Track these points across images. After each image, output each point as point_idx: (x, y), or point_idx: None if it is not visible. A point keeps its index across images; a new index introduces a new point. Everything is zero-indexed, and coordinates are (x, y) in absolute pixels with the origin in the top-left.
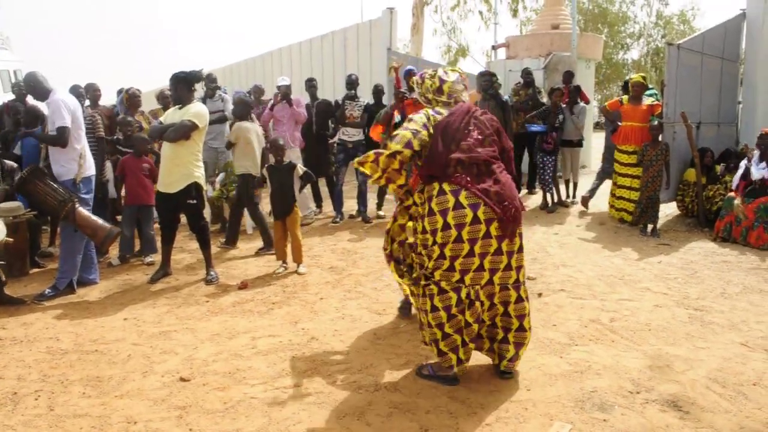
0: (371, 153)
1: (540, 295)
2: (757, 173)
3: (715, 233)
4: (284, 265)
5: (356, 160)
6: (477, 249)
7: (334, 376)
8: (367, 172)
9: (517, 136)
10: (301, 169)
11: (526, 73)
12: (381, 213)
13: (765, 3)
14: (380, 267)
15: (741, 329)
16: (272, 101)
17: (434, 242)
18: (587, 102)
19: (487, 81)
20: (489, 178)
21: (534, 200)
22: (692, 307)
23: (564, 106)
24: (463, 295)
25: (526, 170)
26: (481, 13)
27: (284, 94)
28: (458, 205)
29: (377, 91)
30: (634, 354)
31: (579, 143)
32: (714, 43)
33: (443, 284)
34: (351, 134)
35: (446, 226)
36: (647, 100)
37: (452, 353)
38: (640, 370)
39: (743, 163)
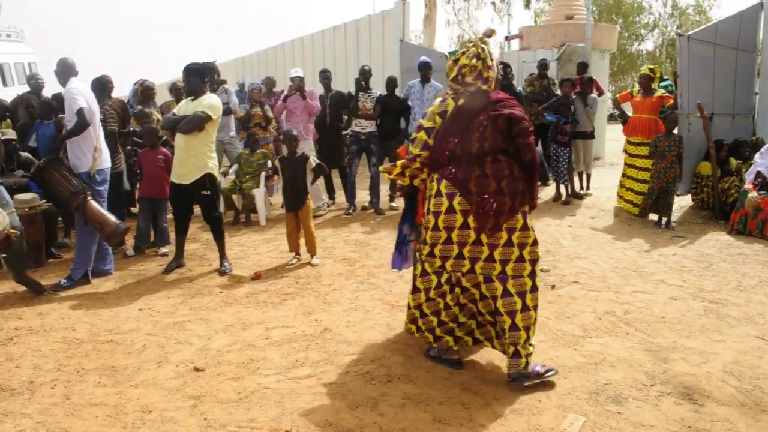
0: (398, 164)
1: (553, 287)
2: (757, 168)
3: (730, 225)
4: (297, 256)
5: (382, 168)
6: (454, 237)
7: (347, 367)
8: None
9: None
10: (314, 161)
11: (542, 65)
12: (394, 204)
13: None
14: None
15: (757, 322)
16: (285, 93)
17: (425, 227)
18: (601, 93)
19: (501, 72)
20: (478, 170)
21: (547, 192)
22: (708, 299)
23: (575, 97)
24: (443, 279)
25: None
26: (494, 3)
27: (298, 86)
28: (438, 194)
29: (391, 83)
30: (648, 346)
31: (592, 135)
32: (728, 33)
33: (427, 267)
34: (364, 126)
35: (428, 213)
36: (658, 92)
37: (429, 333)
38: (655, 363)
39: (757, 156)
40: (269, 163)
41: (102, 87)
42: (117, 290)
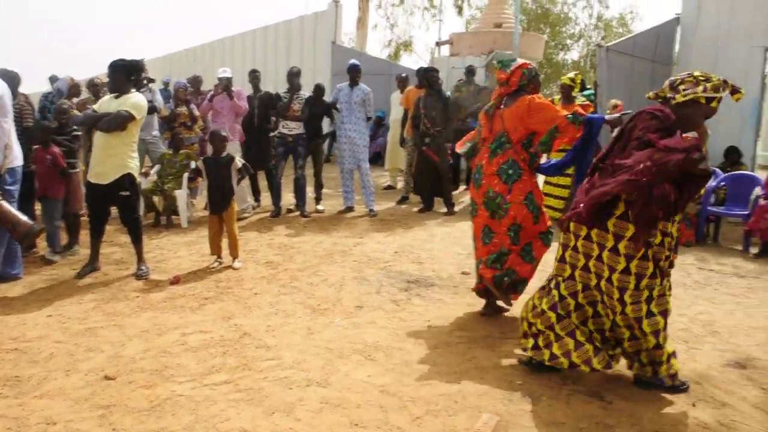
0: None
1: (473, 290)
2: None
3: None
4: (219, 260)
5: None
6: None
7: (265, 372)
8: None
9: (457, 132)
10: (239, 162)
11: (469, 71)
12: (320, 207)
13: (698, 9)
14: (317, 262)
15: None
16: (212, 92)
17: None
18: None
19: (433, 77)
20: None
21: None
22: None
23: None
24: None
25: (464, 166)
26: (425, 9)
27: (225, 86)
28: None
29: (318, 90)
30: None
31: None
32: (646, 46)
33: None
34: (291, 128)
35: None
36: (578, 100)
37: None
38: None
39: None
40: (192, 164)
41: (11, 81)
42: (25, 296)
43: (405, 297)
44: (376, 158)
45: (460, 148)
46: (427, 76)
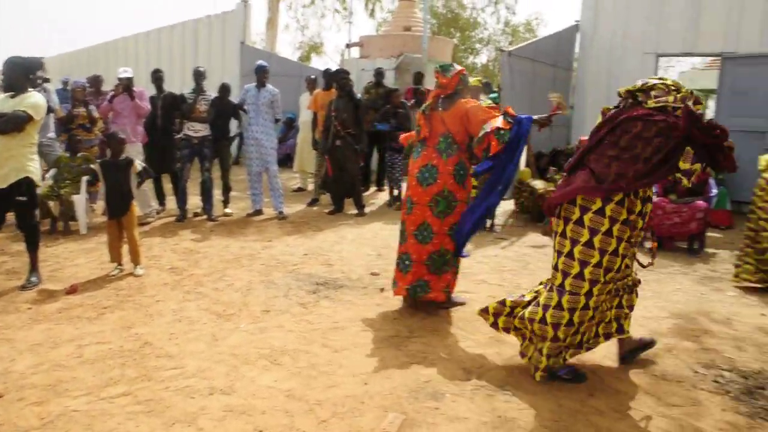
0: None
1: (382, 290)
2: None
3: (545, 227)
4: (120, 267)
5: None
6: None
7: (167, 382)
8: None
9: (368, 135)
10: (139, 164)
11: (378, 73)
12: (227, 211)
13: (596, 17)
14: (223, 266)
15: None
16: (112, 93)
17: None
18: None
19: (344, 79)
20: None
21: (383, 197)
22: None
23: (410, 105)
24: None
25: (375, 167)
26: (337, 11)
27: (125, 86)
28: None
29: (223, 89)
30: (468, 343)
31: None
32: (547, 51)
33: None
34: (197, 129)
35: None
36: (485, 103)
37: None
38: (472, 358)
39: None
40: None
41: None
42: None
43: (313, 299)
44: (287, 160)
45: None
46: (338, 79)
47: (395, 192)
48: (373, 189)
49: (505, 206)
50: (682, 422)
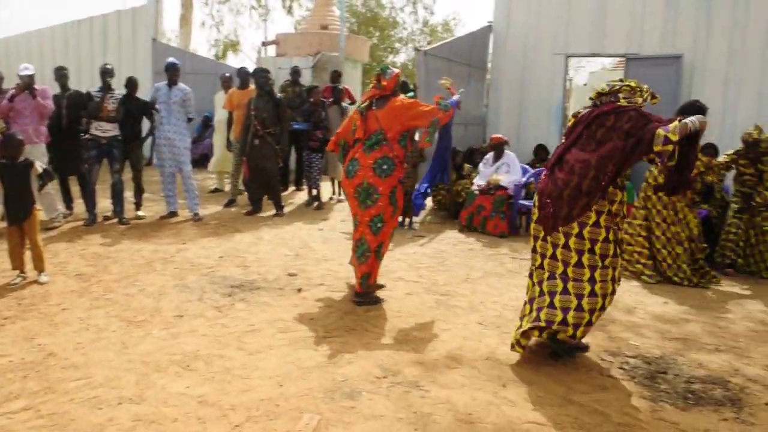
0: None
1: (300, 290)
2: (481, 179)
3: (460, 223)
4: (22, 274)
5: None
6: None
7: (72, 394)
8: None
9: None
10: (39, 166)
11: (294, 71)
12: (140, 213)
13: (508, 17)
14: (135, 271)
15: (480, 310)
16: (13, 91)
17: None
18: (354, 102)
19: (263, 78)
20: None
21: (302, 197)
22: (439, 293)
23: (328, 104)
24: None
25: (293, 167)
26: (253, 8)
27: (26, 84)
28: None
29: (131, 83)
30: (385, 341)
31: None
32: (461, 51)
33: None
34: (105, 129)
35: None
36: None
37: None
38: (389, 356)
39: (481, 165)
40: None
41: None
42: None
43: (228, 302)
44: (204, 160)
45: (334, 149)
46: (257, 77)
47: (314, 192)
48: (291, 188)
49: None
50: (589, 408)
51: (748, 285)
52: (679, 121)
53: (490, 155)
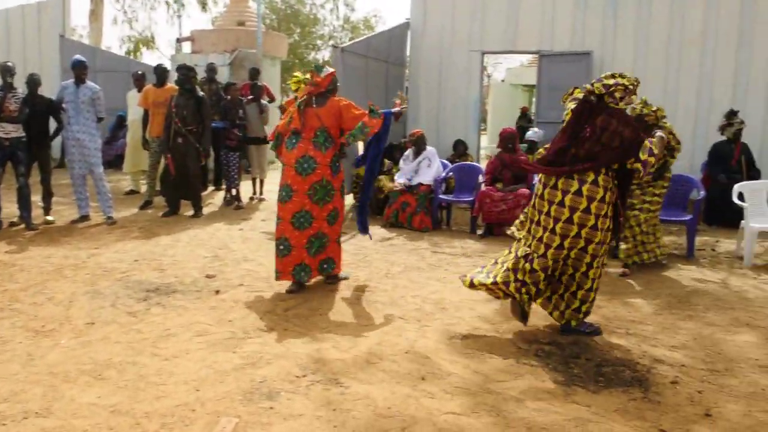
0: None
1: (217, 292)
2: (402, 176)
3: (384, 219)
4: None
5: None
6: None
7: None
8: None
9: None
10: None
11: (210, 69)
12: (49, 218)
13: (425, 15)
14: (43, 278)
15: (400, 304)
16: None
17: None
18: (273, 99)
19: (185, 75)
20: None
21: (221, 196)
22: (360, 289)
23: (246, 102)
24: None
25: (212, 166)
26: (168, 4)
27: None
28: None
29: (32, 82)
30: (304, 340)
31: (264, 140)
32: (379, 48)
33: None
34: (8, 130)
35: None
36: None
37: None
38: (308, 354)
39: (402, 162)
40: None
41: None
42: None
43: (143, 307)
44: (118, 161)
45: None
46: (180, 74)
47: (233, 191)
48: (211, 188)
49: (346, 200)
50: (505, 396)
51: (654, 272)
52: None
53: (410, 151)
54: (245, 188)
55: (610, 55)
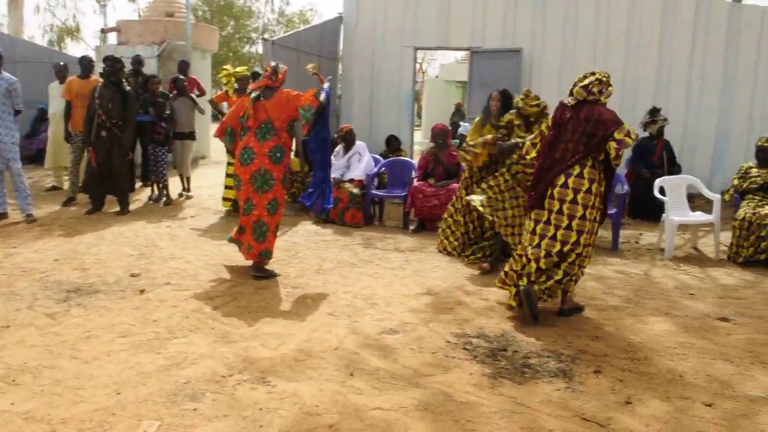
0: None
1: (142, 291)
2: (335, 172)
3: (316, 215)
4: None
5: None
6: None
7: None
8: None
9: None
10: None
11: (136, 61)
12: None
13: (357, 9)
14: None
15: (330, 300)
16: None
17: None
18: (203, 93)
19: (111, 66)
20: None
21: (148, 193)
22: (291, 285)
23: (172, 96)
24: None
25: (139, 162)
26: None
27: None
28: None
29: None
30: (232, 338)
31: (191, 135)
32: (311, 41)
33: None
34: None
35: None
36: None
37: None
38: (236, 353)
39: (333, 158)
40: None
41: None
42: None
43: (63, 309)
44: (40, 156)
45: (220, 136)
46: (104, 66)
47: (161, 187)
48: (138, 184)
49: None
50: (434, 390)
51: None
52: None
53: (340, 147)
54: (174, 184)
55: (540, 52)
